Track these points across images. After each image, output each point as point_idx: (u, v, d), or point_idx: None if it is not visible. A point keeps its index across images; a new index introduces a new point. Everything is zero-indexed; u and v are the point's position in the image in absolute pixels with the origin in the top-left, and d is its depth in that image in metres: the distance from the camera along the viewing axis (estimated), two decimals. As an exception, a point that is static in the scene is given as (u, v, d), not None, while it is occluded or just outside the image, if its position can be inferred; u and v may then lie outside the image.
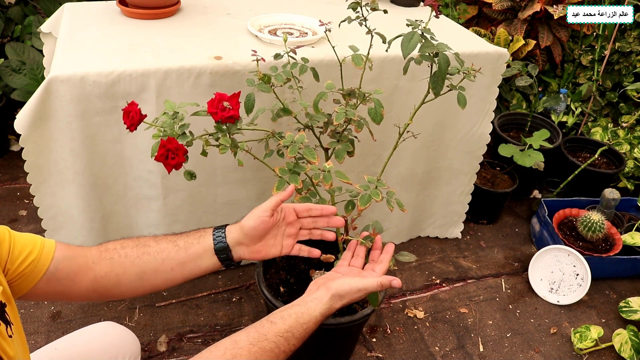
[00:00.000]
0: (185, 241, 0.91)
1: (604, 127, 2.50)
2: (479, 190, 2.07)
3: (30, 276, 0.78)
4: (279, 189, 1.03)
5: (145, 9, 1.55)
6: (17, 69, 2.28)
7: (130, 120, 0.90)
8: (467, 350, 1.64)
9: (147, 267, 0.88)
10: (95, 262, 0.86)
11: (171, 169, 0.87)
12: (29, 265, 0.78)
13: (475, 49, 1.62)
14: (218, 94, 0.94)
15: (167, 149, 0.86)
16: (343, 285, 0.89)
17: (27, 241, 0.80)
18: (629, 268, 1.95)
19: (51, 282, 0.81)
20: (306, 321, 0.85)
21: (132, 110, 0.90)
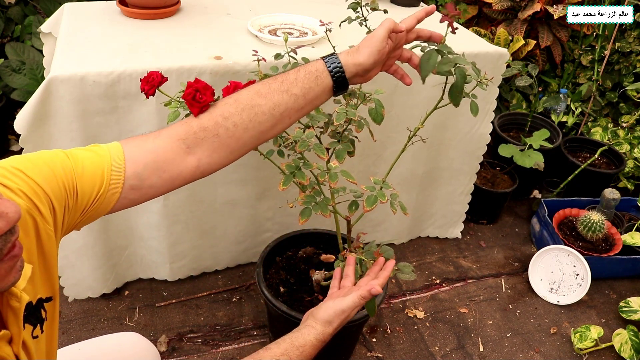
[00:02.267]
0: (301, 87, 0.83)
1: (604, 127, 2.50)
2: (479, 190, 2.07)
3: (99, 208, 0.72)
4: (285, 184, 1.02)
5: (145, 9, 1.55)
6: (17, 69, 2.28)
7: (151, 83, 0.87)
8: (467, 350, 1.64)
9: (264, 126, 0.82)
10: (190, 145, 0.77)
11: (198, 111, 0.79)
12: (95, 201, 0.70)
13: (475, 49, 1.62)
14: (233, 82, 0.93)
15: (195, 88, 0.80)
16: (327, 311, 0.91)
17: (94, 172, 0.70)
18: (629, 268, 1.95)
19: (136, 194, 0.74)
20: (301, 344, 0.85)
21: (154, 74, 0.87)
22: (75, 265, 1.55)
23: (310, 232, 1.56)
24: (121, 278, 1.68)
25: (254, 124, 0.81)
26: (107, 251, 1.57)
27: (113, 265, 1.62)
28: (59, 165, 0.67)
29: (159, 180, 0.76)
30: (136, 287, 1.73)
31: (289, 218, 1.74)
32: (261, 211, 1.70)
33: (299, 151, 1.03)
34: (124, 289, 1.71)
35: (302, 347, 0.85)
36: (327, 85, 0.85)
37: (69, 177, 0.67)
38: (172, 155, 0.77)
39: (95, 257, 1.55)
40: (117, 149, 0.74)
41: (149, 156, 0.75)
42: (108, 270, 1.61)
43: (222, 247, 1.73)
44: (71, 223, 0.71)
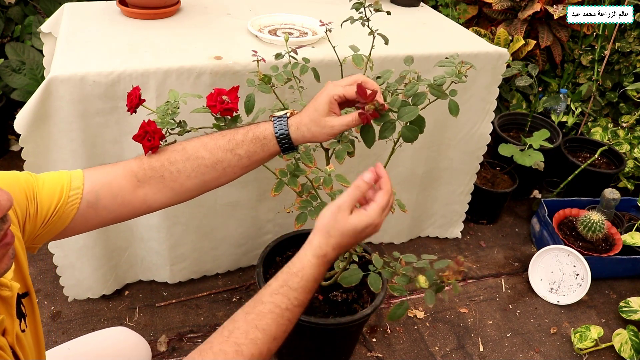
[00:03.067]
0: (247, 149, 0.86)
1: (604, 127, 2.50)
2: (479, 190, 2.06)
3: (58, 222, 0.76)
4: (277, 190, 1.02)
5: (145, 9, 1.55)
6: (17, 69, 2.28)
7: (130, 103, 0.92)
8: (467, 350, 1.64)
9: (207, 177, 0.86)
10: (141, 180, 0.83)
11: (147, 151, 0.86)
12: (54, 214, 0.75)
13: (475, 49, 1.62)
14: (217, 89, 0.95)
15: (146, 130, 0.86)
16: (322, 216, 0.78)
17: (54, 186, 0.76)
18: (629, 268, 1.95)
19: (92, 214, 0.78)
20: (299, 269, 0.75)
21: (134, 94, 0.91)
22: (75, 266, 1.55)
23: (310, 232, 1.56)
24: (121, 279, 1.68)
25: (196, 174, 0.85)
26: (107, 252, 1.57)
27: (113, 266, 1.62)
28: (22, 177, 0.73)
29: (112, 204, 0.81)
30: (136, 287, 1.73)
31: (289, 219, 1.74)
32: (262, 213, 1.70)
33: (286, 160, 1.02)
34: (124, 289, 1.71)
35: (301, 270, 0.75)
36: (273, 150, 0.87)
37: (30, 187, 0.73)
38: (125, 184, 0.82)
39: (95, 258, 1.54)
40: (77, 171, 0.80)
41: (105, 179, 0.81)
42: (108, 272, 1.61)
43: (222, 250, 1.73)
44: (32, 234, 0.74)
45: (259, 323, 0.70)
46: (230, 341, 0.69)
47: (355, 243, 0.79)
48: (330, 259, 0.77)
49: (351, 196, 0.77)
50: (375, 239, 1.99)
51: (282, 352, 1.50)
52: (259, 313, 0.71)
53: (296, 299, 0.73)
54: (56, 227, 0.76)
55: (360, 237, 0.78)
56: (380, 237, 1.99)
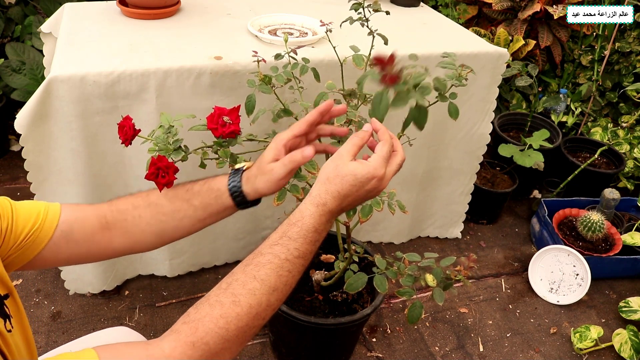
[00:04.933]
0: (202, 200, 0.87)
1: (603, 127, 2.51)
2: (479, 190, 2.07)
3: (31, 246, 0.76)
4: (279, 199, 1.01)
5: (145, 9, 1.55)
6: (17, 69, 2.28)
7: (125, 136, 0.89)
8: (467, 350, 1.64)
9: (165, 226, 0.87)
10: (109, 222, 0.84)
11: (162, 187, 0.85)
12: (28, 236, 0.75)
13: (475, 49, 1.62)
14: (217, 108, 0.91)
15: (158, 167, 0.84)
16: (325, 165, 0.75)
17: (30, 210, 0.77)
18: (629, 268, 1.95)
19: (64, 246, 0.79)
20: (298, 218, 0.72)
21: (127, 125, 0.88)
22: (76, 264, 1.55)
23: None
24: (121, 275, 1.68)
25: (155, 221, 0.86)
26: (107, 251, 1.57)
27: (113, 262, 1.62)
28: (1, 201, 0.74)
29: (83, 239, 0.81)
30: (136, 286, 1.73)
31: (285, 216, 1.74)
32: (260, 209, 1.69)
33: None
34: (124, 289, 1.71)
35: (300, 220, 0.72)
36: (228, 204, 0.87)
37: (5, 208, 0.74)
38: (96, 222, 0.83)
39: (96, 257, 1.55)
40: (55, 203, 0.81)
41: (80, 214, 0.82)
42: (108, 268, 1.61)
43: (221, 244, 1.74)
44: (3, 253, 0.73)
45: (257, 273, 0.68)
46: (227, 292, 0.67)
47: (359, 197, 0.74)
48: (331, 209, 0.73)
49: (352, 143, 0.75)
50: (375, 238, 1.99)
51: (282, 352, 1.50)
52: (258, 264, 0.69)
53: (296, 249, 0.71)
54: (28, 252, 0.76)
55: (363, 190, 0.73)
56: (380, 237, 1.99)
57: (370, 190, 0.74)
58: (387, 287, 1.08)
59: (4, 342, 0.64)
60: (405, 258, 1.08)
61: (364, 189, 0.74)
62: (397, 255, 1.14)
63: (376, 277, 1.07)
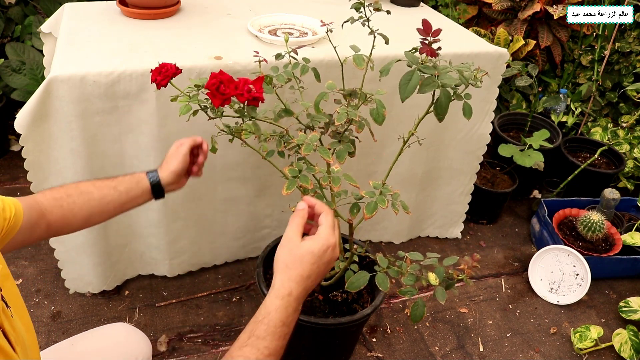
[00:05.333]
0: (125, 186, 1.05)
1: (603, 127, 2.51)
2: (479, 190, 2.07)
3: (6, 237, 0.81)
4: (289, 188, 1.02)
5: (145, 9, 1.55)
6: (17, 69, 2.28)
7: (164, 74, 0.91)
8: (467, 350, 1.64)
9: (94, 210, 1.00)
10: (46, 209, 0.93)
11: (220, 102, 0.87)
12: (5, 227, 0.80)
13: (475, 49, 1.62)
14: (242, 78, 0.96)
15: (220, 80, 0.87)
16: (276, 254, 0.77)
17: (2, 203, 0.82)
18: (629, 268, 1.95)
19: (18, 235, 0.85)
20: (264, 315, 0.73)
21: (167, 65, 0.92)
22: (76, 261, 1.56)
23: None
24: (121, 275, 1.68)
25: (87, 207, 0.99)
26: (108, 249, 1.57)
27: (113, 263, 1.62)
28: None
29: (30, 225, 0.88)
30: (136, 286, 1.73)
31: (287, 215, 1.73)
32: (260, 208, 1.70)
33: (304, 154, 1.02)
34: (124, 289, 1.71)
35: (266, 317, 0.72)
36: (146, 188, 1.07)
37: None
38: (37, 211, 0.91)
39: (95, 255, 1.55)
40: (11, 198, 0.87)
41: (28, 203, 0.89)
42: (108, 268, 1.61)
43: (220, 243, 1.74)
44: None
45: None
46: None
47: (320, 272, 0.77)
48: (297, 296, 0.75)
49: (295, 224, 0.79)
50: (375, 237, 1.99)
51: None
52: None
53: (266, 347, 0.71)
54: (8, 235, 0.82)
55: (322, 263, 0.77)
56: (379, 236, 1.99)
57: (328, 262, 0.77)
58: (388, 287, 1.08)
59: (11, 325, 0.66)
60: (407, 257, 1.08)
61: (323, 262, 0.77)
62: (399, 254, 1.14)
63: (378, 276, 1.07)
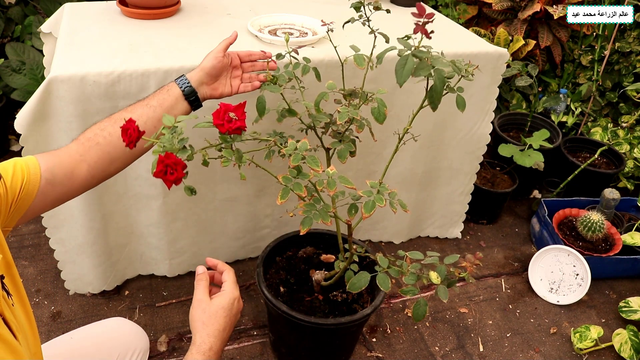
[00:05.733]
0: (157, 99, 1.04)
1: (603, 127, 2.51)
2: (479, 190, 2.07)
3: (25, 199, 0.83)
4: (283, 197, 1.01)
5: (145, 9, 1.55)
6: (17, 69, 2.28)
7: (129, 138, 0.88)
8: (467, 350, 1.64)
9: None
10: (82, 153, 0.93)
11: (171, 185, 0.85)
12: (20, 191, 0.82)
13: (475, 49, 1.62)
14: (223, 104, 0.92)
15: (166, 164, 0.84)
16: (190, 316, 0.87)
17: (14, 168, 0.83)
18: (629, 268, 1.95)
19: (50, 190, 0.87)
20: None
21: (130, 127, 0.88)
22: (76, 262, 1.56)
23: (310, 232, 1.54)
24: (121, 275, 1.69)
25: None
26: (107, 250, 1.57)
27: (113, 263, 1.62)
28: None
29: (65, 179, 0.91)
30: (136, 286, 1.73)
31: (287, 215, 1.74)
32: (260, 208, 1.70)
33: (292, 166, 1.01)
34: (124, 289, 1.71)
35: None
36: (178, 94, 1.07)
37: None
38: (71, 160, 0.93)
39: (95, 255, 1.55)
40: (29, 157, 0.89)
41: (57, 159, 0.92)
42: (108, 268, 1.61)
43: (220, 243, 1.74)
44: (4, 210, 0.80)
45: None
46: None
47: (231, 323, 0.89)
48: (217, 350, 0.83)
49: (202, 286, 0.89)
50: (374, 237, 1.99)
51: (282, 352, 1.50)
52: None
53: None
54: (22, 206, 0.84)
55: (232, 315, 0.88)
56: (379, 236, 1.99)
57: (236, 314, 0.90)
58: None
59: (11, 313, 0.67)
60: (407, 256, 1.08)
61: (233, 314, 0.89)
62: (399, 254, 1.14)
63: (379, 276, 1.07)
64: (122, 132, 0.88)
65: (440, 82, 0.98)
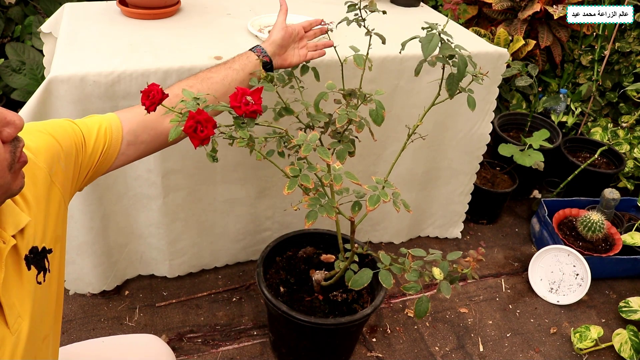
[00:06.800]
0: (239, 63, 1.12)
1: (603, 127, 2.51)
2: (479, 190, 2.07)
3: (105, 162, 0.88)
4: (290, 188, 1.01)
5: (145, 9, 1.55)
6: (17, 69, 2.28)
7: (151, 100, 0.87)
8: (467, 350, 1.64)
9: (219, 93, 1.07)
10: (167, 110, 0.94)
11: (199, 143, 0.84)
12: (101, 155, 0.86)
13: (475, 49, 1.62)
14: (240, 88, 0.93)
15: (197, 120, 0.82)
16: None
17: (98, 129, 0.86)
18: (629, 268, 1.95)
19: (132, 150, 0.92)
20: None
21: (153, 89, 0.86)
22: (76, 262, 1.56)
23: (310, 232, 1.56)
24: (121, 275, 1.69)
25: (211, 91, 1.05)
26: (107, 249, 1.57)
27: (113, 263, 1.62)
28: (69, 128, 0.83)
29: (148, 137, 0.95)
30: (136, 286, 1.73)
31: (288, 217, 1.74)
32: (261, 210, 1.70)
33: (303, 155, 1.02)
34: (124, 289, 1.71)
35: None
36: (257, 62, 1.14)
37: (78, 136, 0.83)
38: (155, 117, 0.95)
39: (95, 255, 1.55)
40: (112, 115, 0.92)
41: (139, 118, 0.94)
42: (108, 268, 1.61)
43: (221, 245, 1.73)
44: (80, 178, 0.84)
45: None
46: None
47: None
48: None
49: None
50: (375, 238, 1.99)
51: (282, 352, 1.50)
52: None
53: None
54: (100, 169, 0.89)
55: None
56: (380, 237, 1.99)
57: None
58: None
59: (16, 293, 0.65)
60: (410, 253, 1.09)
61: None
62: (400, 251, 1.14)
63: (381, 272, 1.07)
64: (142, 95, 0.87)
65: (464, 66, 1.01)
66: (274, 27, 1.19)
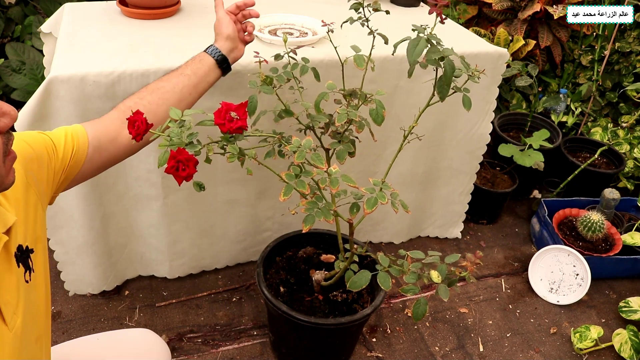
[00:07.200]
0: (191, 68, 1.12)
1: (603, 127, 2.51)
2: (479, 190, 2.07)
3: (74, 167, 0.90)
4: (286, 194, 1.01)
5: (145, 9, 1.55)
6: (17, 69, 2.28)
7: (136, 130, 0.86)
8: (467, 350, 1.64)
9: (171, 101, 1.06)
10: (123, 120, 0.95)
11: (182, 181, 0.84)
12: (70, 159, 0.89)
13: (475, 49, 1.62)
14: (224, 103, 0.91)
15: (178, 160, 0.83)
16: None
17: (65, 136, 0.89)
18: (629, 268, 1.95)
19: (97, 157, 0.94)
20: None
21: (138, 119, 0.86)
22: (76, 262, 1.55)
23: (310, 232, 1.55)
24: (121, 276, 1.69)
25: (162, 100, 1.06)
26: (107, 250, 1.57)
27: (113, 263, 1.62)
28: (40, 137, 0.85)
29: (110, 146, 0.98)
30: (136, 286, 1.73)
31: (288, 217, 1.74)
32: (261, 210, 1.70)
33: (296, 163, 1.01)
34: (124, 289, 1.71)
35: None
36: (211, 63, 1.14)
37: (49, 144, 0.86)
38: (115, 127, 1.00)
39: (95, 255, 1.55)
40: (76, 125, 0.95)
41: (102, 127, 0.98)
42: (108, 268, 1.61)
43: (221, 246, 1.73)
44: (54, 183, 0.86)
45: None
46: None
47: None
48: None
49: None
50: (375, 238, 1.99)
51: (282, 352, 1.50)
52: None
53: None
54: (71, 173, 0.90)
55: None
56: (380, 237, 1.99)
57: None
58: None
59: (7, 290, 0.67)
60: (408, 255, 1.09)
61: None
62: (399, 253, 1.14)
63: (380, 274, 1.07)
64: (128, 124, 0.87)
65: (450, 70, 1.00)
66: (221, 23, 1.18)
